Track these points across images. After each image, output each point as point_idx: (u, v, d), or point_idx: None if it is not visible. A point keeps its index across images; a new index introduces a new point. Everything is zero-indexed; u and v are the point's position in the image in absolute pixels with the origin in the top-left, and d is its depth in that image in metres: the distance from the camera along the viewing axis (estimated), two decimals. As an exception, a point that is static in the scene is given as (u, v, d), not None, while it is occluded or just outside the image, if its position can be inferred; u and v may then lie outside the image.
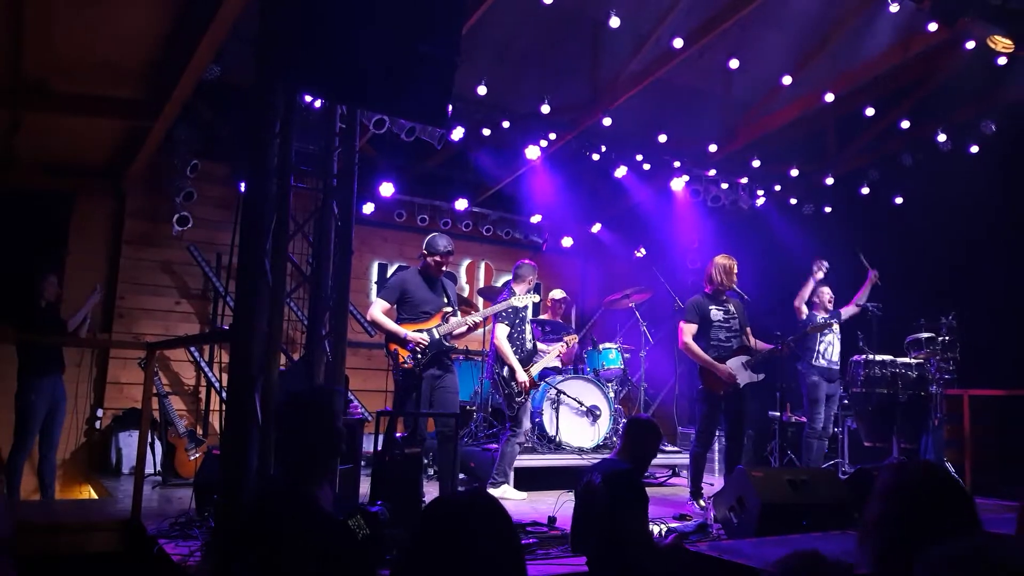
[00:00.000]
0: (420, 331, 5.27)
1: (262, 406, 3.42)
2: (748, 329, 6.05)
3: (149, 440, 6.43)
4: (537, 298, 6.38)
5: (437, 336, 5.30)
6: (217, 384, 7.36)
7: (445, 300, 5.48)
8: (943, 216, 7.50)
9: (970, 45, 6.52)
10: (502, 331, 6.13)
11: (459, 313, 5.53)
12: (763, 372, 5.93)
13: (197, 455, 6.60)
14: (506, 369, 6.13)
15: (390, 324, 5.28)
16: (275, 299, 3.63)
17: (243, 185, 5.22)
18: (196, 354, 7.67)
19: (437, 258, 5.39)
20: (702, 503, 5.78)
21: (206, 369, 7.59)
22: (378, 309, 5.33)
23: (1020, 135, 7.26)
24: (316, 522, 2.37)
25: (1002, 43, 5.92)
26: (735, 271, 5.94)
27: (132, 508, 4.65)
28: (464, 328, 5.46)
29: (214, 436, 7.20)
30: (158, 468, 6.70)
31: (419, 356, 5.19)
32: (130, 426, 7.08)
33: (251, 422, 3.38)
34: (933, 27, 5.83)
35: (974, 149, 7.73)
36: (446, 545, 1.56)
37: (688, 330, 5.88)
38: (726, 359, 5.81)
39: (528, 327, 6.37)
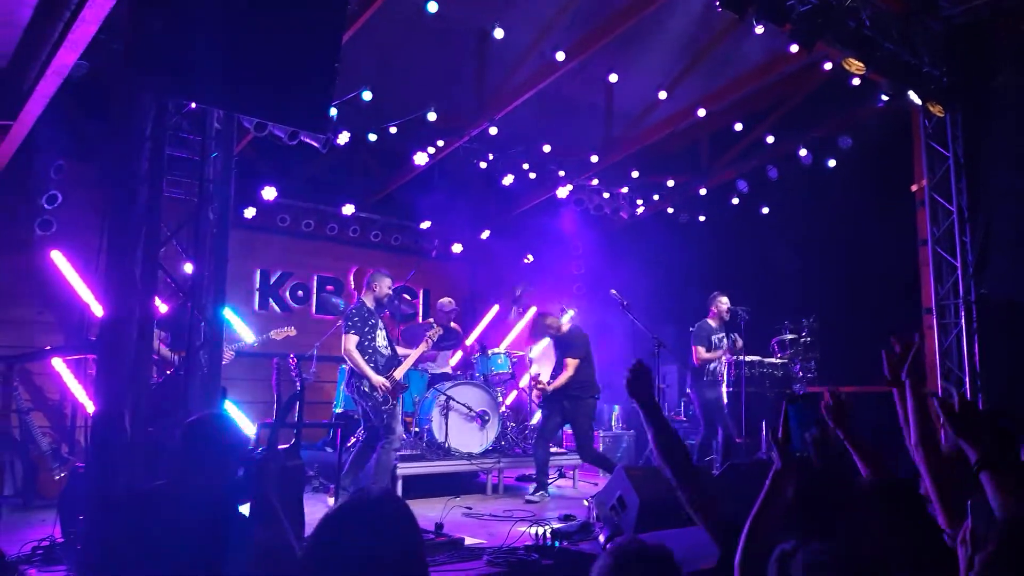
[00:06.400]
0: None
1: (132, 421, 3.28)
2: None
3: (9, 459, 6.07)
4: None
5: None
6: (84, 398, 6.96)
7: None
8: (805, 225, 8.06)
9: (827, 66, 7.03)
10: (351, 341, 5.86)
11: None
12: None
13: (62, 474, 6.22)
14: (365, 381, 5.86)
15: None
16: (146, 309, 3.50)
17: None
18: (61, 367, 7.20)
19: None
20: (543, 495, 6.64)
21: (72, 383, 7.14)
22: None
23: (873, 150, 7.89)
24: None
25: (855, 65, 6.39)
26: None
27: (-12, 533, 4.35)
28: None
29: (81, 454, 6.79)
30: (19, 489, 6.27)
31: None
32: (-13, 445, 6.57)
33: (120, 438, 3.24)
34: (794, 49, 6.22)
35: (832, 163, 8.33)
36: (353, 542, 1.58)
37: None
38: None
39: (381, 333, 6.08)
